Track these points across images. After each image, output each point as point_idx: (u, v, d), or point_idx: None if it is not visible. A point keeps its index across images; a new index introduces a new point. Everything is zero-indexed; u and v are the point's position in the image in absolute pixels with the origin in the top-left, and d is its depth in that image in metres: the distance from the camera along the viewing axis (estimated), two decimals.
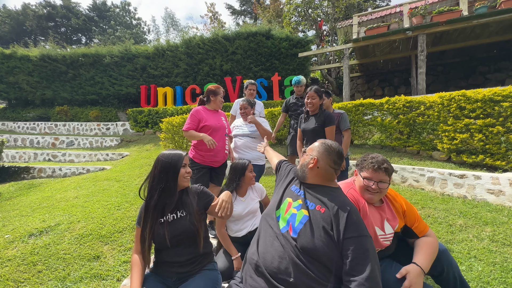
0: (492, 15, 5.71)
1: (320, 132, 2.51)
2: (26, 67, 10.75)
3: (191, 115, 2.46)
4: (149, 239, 1.26)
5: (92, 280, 2.14)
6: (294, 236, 1.12)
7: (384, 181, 1.30)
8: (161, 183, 1.28)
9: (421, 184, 3.46)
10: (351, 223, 1.05)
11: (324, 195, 1.19)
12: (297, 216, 1.17)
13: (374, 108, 4.60)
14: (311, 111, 2.62)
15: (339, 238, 1.03)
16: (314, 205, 1.17)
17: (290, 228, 1.16)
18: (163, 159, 1.32)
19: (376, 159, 1.33)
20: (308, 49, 9.08)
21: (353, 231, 1.04)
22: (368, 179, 1.31)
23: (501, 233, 2.24)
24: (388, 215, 1.33)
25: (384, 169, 1.29)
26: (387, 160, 1.35)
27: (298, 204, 1.22)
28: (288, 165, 1.61)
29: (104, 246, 2.60)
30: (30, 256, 2.44)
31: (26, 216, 3.44)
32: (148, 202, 1.29)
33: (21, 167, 6.28)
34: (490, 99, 3.28)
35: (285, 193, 1.35)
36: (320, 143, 1.30)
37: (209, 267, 1.37)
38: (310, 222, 1.12)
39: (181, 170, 1.33)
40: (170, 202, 1.30)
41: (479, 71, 8.22)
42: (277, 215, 1.26)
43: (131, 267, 1.30)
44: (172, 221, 1.31)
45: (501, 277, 1.77)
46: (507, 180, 2.75)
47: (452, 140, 3.63)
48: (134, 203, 3.52)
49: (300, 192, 1.27)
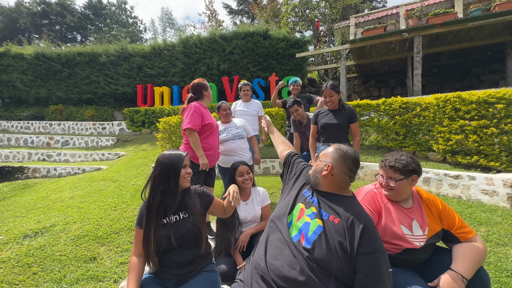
0: (486, 17, 5.80)
1: (345, 128, 2.52)
2: (20, 65, 10.58)
3: (193, 111, 2.26)
4: (154, 241, 1.24)
5: (89, 282, 2.12)
6: (307, 247, 1.06)
7: (394, 179, 1.29)
8: (162, 184, 1.27)
9: (417, 184, 3.50)
10: (367, 238, 1.00)
11: (338, 205, 1.12)
12: (310, 226, 1.11)
13: (370, 109, 4.63)
14: (332, 108, 2.55)
15: (352, 252, 0.99)
16: (328, 215, 1.11)
17: (302, 237, 1.10)
18: (163, 160, 1.31)
19: (387, 158, 1.36)
20: (306, 49, 9.11)
21: (368, 246, 0.99)
22: (381, 176, 1.37)
23: (495, 233, 2.28)
24: (417, 216, 1.29)
25: (390, 167, 1.30)
26: (401, 158, 1.31)
27: (311, 212, 1.15)
28: (300, 162, 1.48)
29: (100, 247, 2.58)
30: (25, 257, 2.40)
31: (21, 217, 3.39)
32: (150, 203, 1.29)
33: (15, 167, 6.19)
34: (485, 101, 3.33)
35: (298, 197, 1.26)
36: (335, 148, 1.21)
37: (208, 268, 1.37)
38: (325, 234, 1.06)
39: (181, 171, 1.32)
40: (172, 203, 1.30)
41: (474, 72, 8.34)
42: (288, 221, 1.19)
43: (128, 270, 1.29)
44: (174, 223, 1.30)
45: (495, 277, 1.80)
46: (501, 180, 2.80)
47: (447, 141, 3.68)
48: (130, 203, 3.49)
49: (314, 199, 1.20)
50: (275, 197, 3.47)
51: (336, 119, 2.49)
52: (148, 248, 1.25)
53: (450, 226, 1.28)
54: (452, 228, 1.27)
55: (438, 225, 1.29)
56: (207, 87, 2.46)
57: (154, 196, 1.28)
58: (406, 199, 1.35)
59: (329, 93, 2.48)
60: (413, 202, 1.35)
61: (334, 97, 2.49)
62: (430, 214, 1.31)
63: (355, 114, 2.52)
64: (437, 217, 1.30)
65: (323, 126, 2.58)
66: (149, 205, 1.29)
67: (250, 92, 3.59)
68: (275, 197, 3.48)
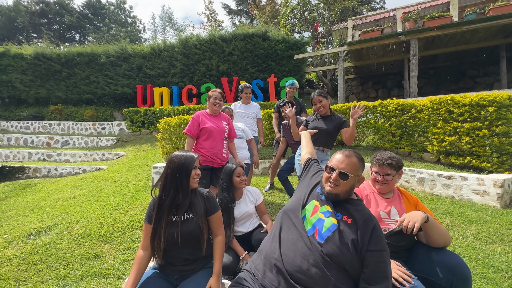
0: (480, 21, 5.91)
1: (334, 134, 2.59)
2: (20, 65, 10.59)
3: (192, 119, 2.64)
4: (164, 237, 1.31)
5: (93, 279, 2.19)
6: (321, 242, 1.15)
7: (390, 174, 1.50)
8: (175, 183, 1.34)
9: (412, 184, 3.59)
10: (376, 237, 1.12)
11: (350, 207, 1.23)
12: (325, 223, 1.19)
13: (367, 110, 4.72)
14: (323, 113, 2.60)
15: (363, 249, 1.10)
16: (341, 215, 1.21)
17: (316, 232, 1.18)
18: (176, 160, 1.37)
19: (381, 156, 1.56)
20: (304, 51, 9.20)
21: (377, 244, 1.11)
22: (376, 173, 1.55)
23: (484, 232, 2.37)
24: (396, 205, 1.51)
25: (387, 164, 1.51)
26: (393, 156, 1.54)
27: (326, 210, 1.24)
28: (317, 165, 1.61)
29: (103, 246, 2.65)
30: (30, 255, 2.47)
31: (24, 216, 3.45)
32: (162, 199, 1.35)
33: (16, 167, 6.23)
34: (477, 104, 3.43)
35: (311, 194, 1.35)
36: (358, 159, 1.28)
37: (210, 265, 1.43)
38: (339, 231, 1.15)
39: (192, 172, 1.39)
40: (184, 203, 1.36)
41: (469, 74, 8.46)
42: (303, 215, 1.27)
43: (133, 262, 1.37)
44: (181, 221, 1.37)
45: (483, 272, 1.89)
46: (492, 181, 2.89)
47: (441, 142, 3.77)
48: (132, 203, 3.56)
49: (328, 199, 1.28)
50: (274, 197, 3.55)
51: (325, 125, 2.56)
52: (155, 243, 1.32)
53: None
54: None
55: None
56: (210, 96, 2.70)
57: (166, 193, 1.34)
58: (389, 191, 1.55)
59: (318, 99, 2.54)
60: (393, 194, 1.55)
61: (323, 102, 2.54)
62: (407, 203, 1.51)
63: (345, 121, 2.57)
64: (414, 207, 1.48)
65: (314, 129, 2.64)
66: (161, 202, 1.35)
67: (251, 95, 3.69)
68: (274, 197, 3.57)
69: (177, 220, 1.36)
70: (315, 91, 2.61)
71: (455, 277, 1.20)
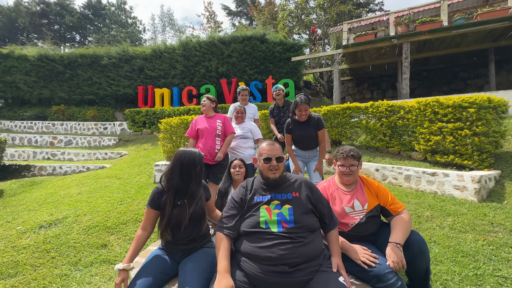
0: (469, 26, 6.16)
1: (316, 136, 2.78)
2: (24, 66, 10.82)
3: (191, 123, 3.07)
4: (167, 218, 1.52)
5: (102, 265, 2.41)
6: (292, 225, 1.33)
7: (354, 165, 1.66)
8: (181, 173, 1.57)
9: (399, 181, 3.82)
10: (314, 189, 1.50)
11: (287, 184, 1.50)
12: (283, 212, 1.36)
13: (360, 111, 4.94)
14: (304, 119, 2.73)
15: (315, 199, 1.46)
16: (291, 194, 1.44)
17: (283, 224, 1.34)
18: (185, 155, 1.60)
19: (344, 150, 1.70)
20: (301, 53, 9.44)
21: (316, 192, 1.50)
22: (342, 165, 1.69)
23: (459, 223, 2.60)
24: (359, 196, 1.65)
25: (351, 156, 1.66)
26: (354, 149, 1.70)
27: (276, 204, 1.41)
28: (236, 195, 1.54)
29: (110, 236, 2.87)
30: (43, 244, 2.69)
31: (34, 211, 3.66)
32: (169, 187, 1.57)
33: (22, 165, 6.44)
34: (459, 105, 3.65)
35: (255, 207, 1.44)
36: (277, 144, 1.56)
37: (207, 245, 1.68)
38: (297, 208, 1.38)
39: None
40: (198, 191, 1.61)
41: (461, 77, 8.71)
42: (265, 226, 1.35)
43: (133, 239, 1.58)
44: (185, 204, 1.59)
45: (452, 257, 2.11)
46: (470, 177, 3.12)
47: (427, 141, 3.99)
48: (135, 198, 3.77)
49: (271, 196, 1.43)
50: None
51: (307, 131, 2.75)
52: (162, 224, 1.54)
53: (385, 203, 1.63)
54: (386, 204, 1.63)
55: (375, 200, 1.64)
56: (201, 103, 3.09)
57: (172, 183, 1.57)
58: (353, 183, 1.71)
59: (304, 107, 2.63)
60: (356, 184, 1.71)
61: (308, 111, 2.67)
62: (369, 193, 1.67)
63: (322, 123, 2.74)
64: (374, 195, 1.66)
65: (299, 137, 2.84)
66: (169, 187, 1.57)
67: (248, 97, 3.90)
68: None
69: (182, 204, 1.58)
70: (301, 97, 2.64)
71: (414, 252, 1.42)
